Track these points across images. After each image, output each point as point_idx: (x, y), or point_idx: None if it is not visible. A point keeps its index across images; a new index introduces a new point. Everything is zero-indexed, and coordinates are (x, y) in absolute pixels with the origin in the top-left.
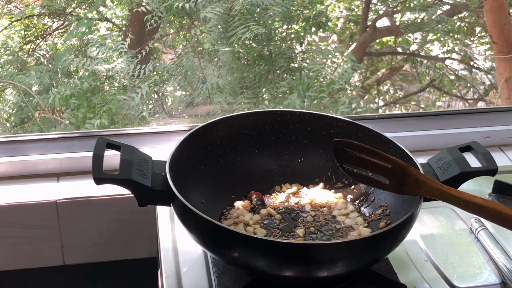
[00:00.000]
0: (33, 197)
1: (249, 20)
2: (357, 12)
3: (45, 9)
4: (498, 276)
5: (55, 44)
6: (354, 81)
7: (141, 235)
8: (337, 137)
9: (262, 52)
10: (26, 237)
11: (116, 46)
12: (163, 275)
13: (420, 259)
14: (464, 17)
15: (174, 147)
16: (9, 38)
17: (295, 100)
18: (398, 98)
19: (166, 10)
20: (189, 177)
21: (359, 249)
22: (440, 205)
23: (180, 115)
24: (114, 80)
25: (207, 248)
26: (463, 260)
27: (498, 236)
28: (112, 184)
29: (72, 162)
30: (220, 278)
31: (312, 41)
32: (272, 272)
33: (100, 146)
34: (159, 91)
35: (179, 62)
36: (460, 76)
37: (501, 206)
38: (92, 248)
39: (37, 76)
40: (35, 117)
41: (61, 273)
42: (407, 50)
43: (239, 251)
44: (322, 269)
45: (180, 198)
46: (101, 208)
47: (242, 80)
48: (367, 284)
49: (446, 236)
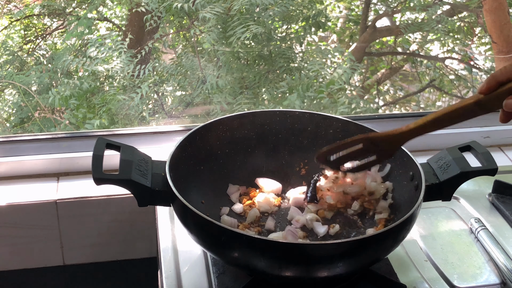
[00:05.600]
0: (33, 197)
1: (248, 20)
2: (357, 12)
3: (44, 9)
4: (498, 276)
5: (55, 44)
6: (354, 81)
7: (141, 235)
8: (337, 137)
9: (261, 52)
10: (26, 237)
11: (116, 46)
12: (163, 275)
13: (420, 259)
14: (464, 17)
15: (174, 147)
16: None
17: (295, 101)
18: (398, 98)
19: (166, 10)
20: (189, 177)
21: (359, 249)
22: (440, 205)
23: (180, 115)
24: (114, 80)
25: (207, 248)
26: (463, 260)
27: (498, 236)
28: (112, 184)
29: (72, 162)
30: (220, 278)
31: (312, 41)
32: (272, 272)
33: (100, 146)
34: (159, 91)
35: (179, 62)
36: (460, 76)
37: (451, 106)
38: (92, 248)
39: (37, 76)
40: (35, 117)
41: (61, 273)
42: (407, 50)
43: (239, 251)
44: (322, 269)
45: (180, 198)
46: (101, 208)
47: (242, 80)
48: (367, 284)
49: (446, 236)
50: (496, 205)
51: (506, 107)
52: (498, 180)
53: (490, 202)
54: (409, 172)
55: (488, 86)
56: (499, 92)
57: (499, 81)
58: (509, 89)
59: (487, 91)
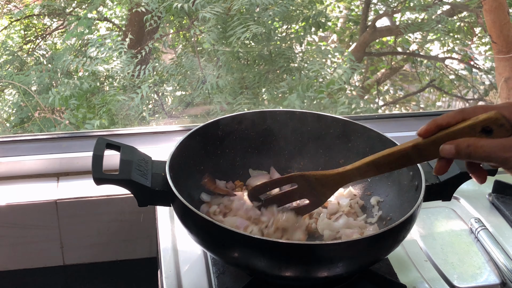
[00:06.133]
0: (33, 197)
1: (248, 20)
2: (357, 12)
3: (44, 9)
4: (498, 276)
5: (55, 44)
6: (354, 81)
7: (141, 235)
8: (337, 137)
9: (261, 52)
10: (26, 237)
11: (116, 46)
12: (163, 275)
13: (420, 259)
14: (464, 17)
15: (174, 147)
16: (9, 37)
17: (295, 101)
18: (398, 98)
19: (166, 10)
20: (189, 177)
21: (359, 249)
22: (440, 205)
23: (180, 115)
24: (114, 80)
25: (207, 248)
26: (463, 260)
27: (498, 236)
28: (112, 184)
29: (72, 162)
30: (220, 278)
31: (312, 41)
32: (272, 272)
33: (100, 146)
34: (159, 91)
35: (179, 62)
36: (460, 76)
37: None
38: (92, 248)
39: (37, 76)
40: (35, 117)
41: (61, 273)
42: (407, 50)
43: (239, 251)
44: (322, 269)
45: (180, 198)
46: (101, 208)
47: (242, 80)
48: (367, 284)
49: (446, 236)
50: (496, 205)
51: (442, 152)
52: (498, 180)
53: (490, 202)
54: (409, 172)
55: (427, 128)
56: (437, 137)
57: (438, 124)
58: (448, 135)
59: (426, 134)
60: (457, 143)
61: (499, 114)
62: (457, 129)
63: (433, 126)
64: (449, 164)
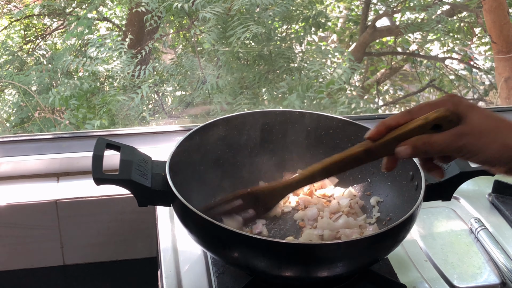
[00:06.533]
0: (33, 197)
1: (248, 20)
2: (357, 12)
3: (44, 9)
4: (498, 276)
5: (55, 44)
6: (354, 81)
7: (141, 235)
8: (337, 137)
9: (261, 52)
10: (26, 237)
11: (116, 46)
12: (163, 275)
13: (420, 259)
14: (464, 17)
15: (174, 147)
16: (9, 37)
17: (295, 101)
18: (398, 98)
19: (166, 10)
20: (189, 177)
21: (359, 249)
22: (440, 205)
23: (180, 115)
24: (114, 80)
25: (207, 248)
26: (463, 260)
27: (498, 236)
28: (112, 184)
29: (72, 162)
30: (220, 278)
31: (312, 41)
32: (272, 272)
33: (100, 146)
34: (159, 91)
35: (179, 62)
36: (460, 76)
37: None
38: (92, 248)
39: (37, 76)
40: (35, 117)
41: (61, 273)
42: (407, 50)
43: (239, 251)
44: (322, 269)
45: (180, 198)
46: (101, 208)
47: (242, 80)
48: (367, 284)
49: (446, 236)
50: (496, 205)
51: (399, 154)
52: (498, 180)
53: (490, 202)
54: (409, 172)
55: (377, 130)
56: (388, 138)
57: (388, 125)
58: (398, 136)
59: (376, 136)
60: (412, 143)
61: (448, 111)
62: (408, 129)
63: (383, 127)
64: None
